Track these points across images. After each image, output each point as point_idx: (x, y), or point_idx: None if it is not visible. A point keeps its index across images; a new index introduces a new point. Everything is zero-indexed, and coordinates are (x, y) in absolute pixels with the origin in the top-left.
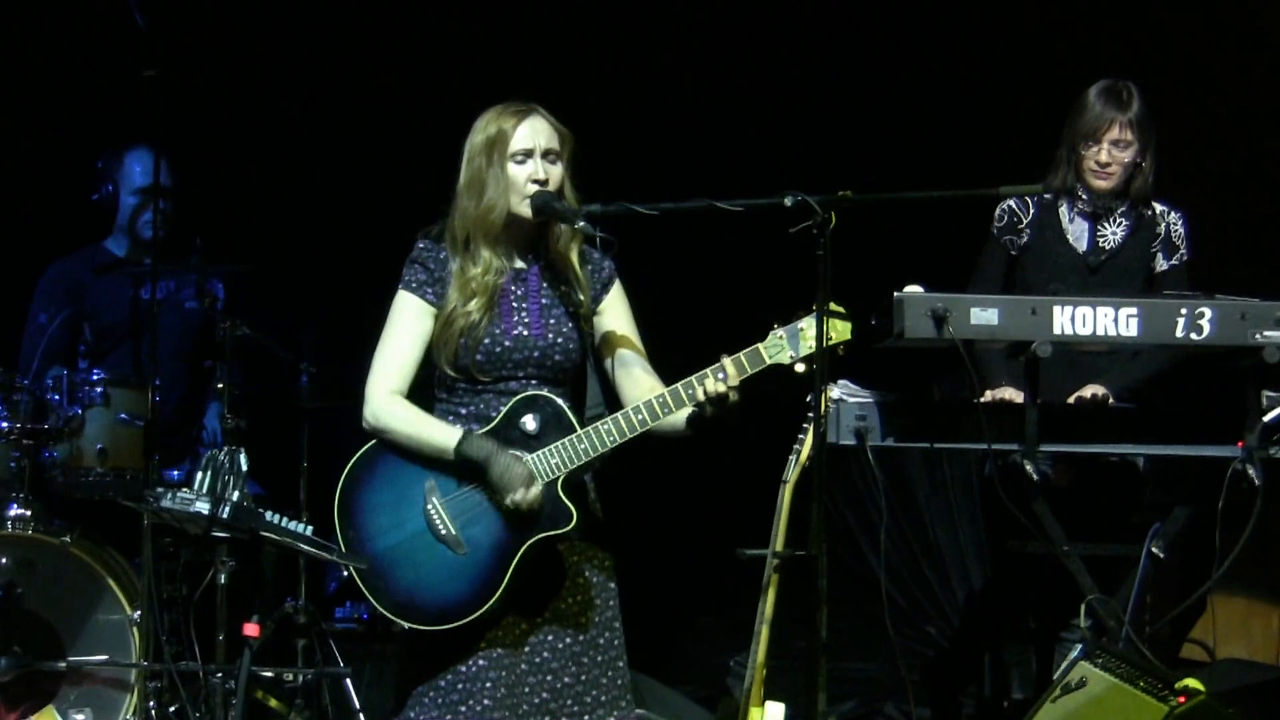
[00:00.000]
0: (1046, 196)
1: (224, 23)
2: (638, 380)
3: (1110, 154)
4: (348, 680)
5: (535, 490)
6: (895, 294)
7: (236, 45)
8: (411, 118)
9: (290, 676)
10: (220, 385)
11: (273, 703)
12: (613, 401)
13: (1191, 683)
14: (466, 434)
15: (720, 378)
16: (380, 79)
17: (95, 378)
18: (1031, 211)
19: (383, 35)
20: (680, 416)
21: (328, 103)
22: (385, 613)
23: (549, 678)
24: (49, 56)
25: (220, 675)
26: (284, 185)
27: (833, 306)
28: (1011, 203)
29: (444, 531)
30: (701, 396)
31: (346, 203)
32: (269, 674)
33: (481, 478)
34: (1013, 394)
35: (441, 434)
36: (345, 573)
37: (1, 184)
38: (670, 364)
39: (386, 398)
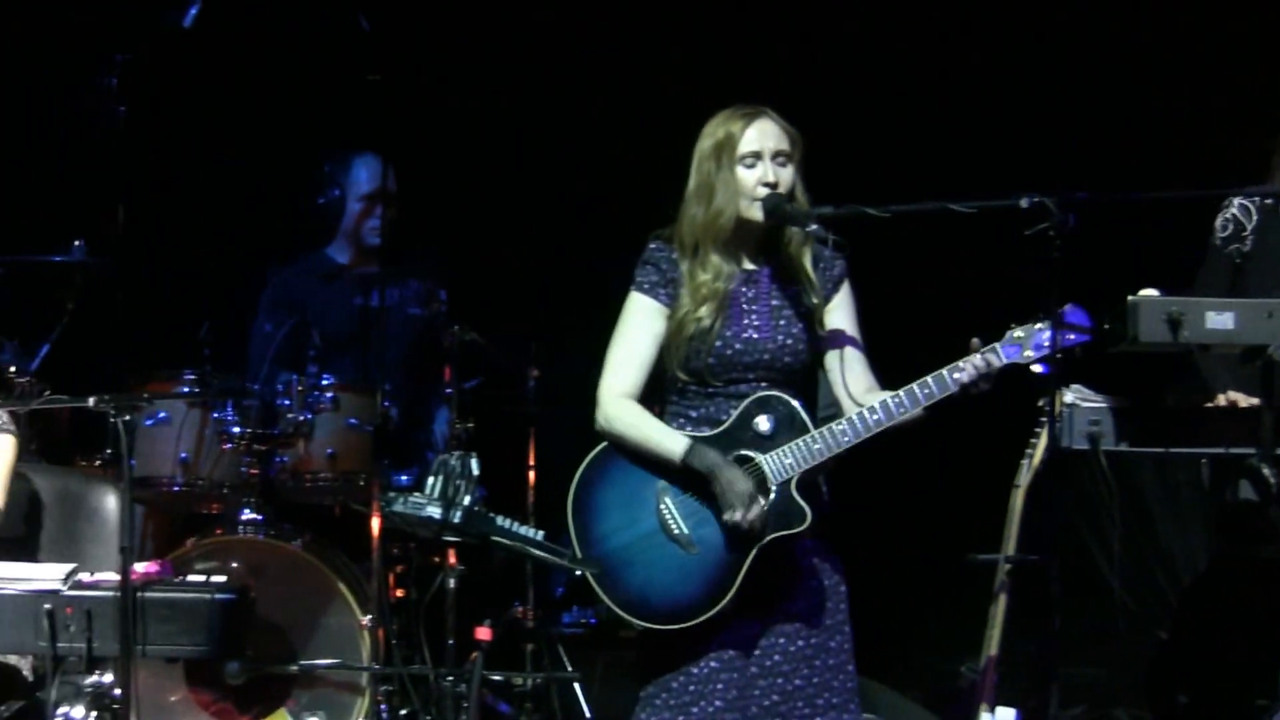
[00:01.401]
0: (1268, 201)
1: (448, 26)
2: (858, 379)
3: None
4: (577, 685)
5: (756, 510)
6: (1129, 298)
7: (461, 49)
8: (639, 121)
9: (519, 680)
10: (449, 391)
11: None
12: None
13: None
14: (693, 444)
15: (979, 370)
16: (608, 82)
17: (325, 383)
18: (1255, 218)
19: (610, 37)
20: (915, 414)
21: (553, 106)
22: (617, 611)
23: (780, 680)
24: (275, 64)
25: (450, 679)
26: (508, 190)
27: (1070, 309)
28: (1234, 211)
29: (676, 531)
30: (936, 397)
31: (572, 206)
32: (498, 678)
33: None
34: (1240, 399)
35: (669, 442)
36: (578, 573)
37: (227, 191)
38: (895, 367)
39: (617, 400)
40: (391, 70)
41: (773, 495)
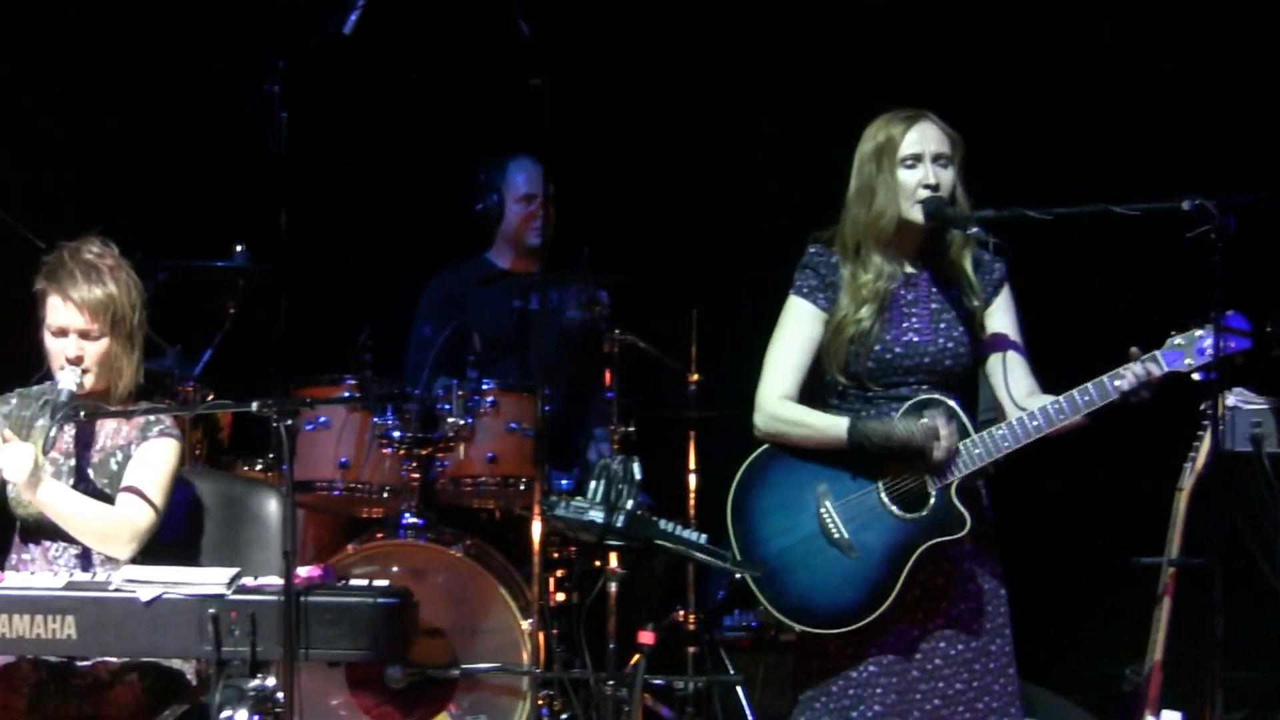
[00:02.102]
0: None
1: (607, 30)
2: (1019, 383)
3: None
4: (739, 688)
5: (949, 436)
6: None
7: (620, 52)
8: (800, 123)
9: (681, 684)
10: (609, 394)
11: None
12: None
13: None
14: (855, 421)
15: (1139, 378)
16: (768, 83)
17: (485, 387)
18: None
19: (769, 39)
20: (1075, 421)
21: (712, 108)
22: (778, 615)
23: (940, 684)
24: (434, 69)
25: (611, 683)
26: (667, 192)
27: (1230, 315)
28: None
29: (836, 536)
30: (1096, 404)
31: (731, 208)
32: (659, 682)
33: (874, 481)
34: None
35: (832, 425)
36: (740, 577)
37: (388, 196)
38: (1055, 372)
39: (777, 403)
40: (552, 74)
41: (933, 501)
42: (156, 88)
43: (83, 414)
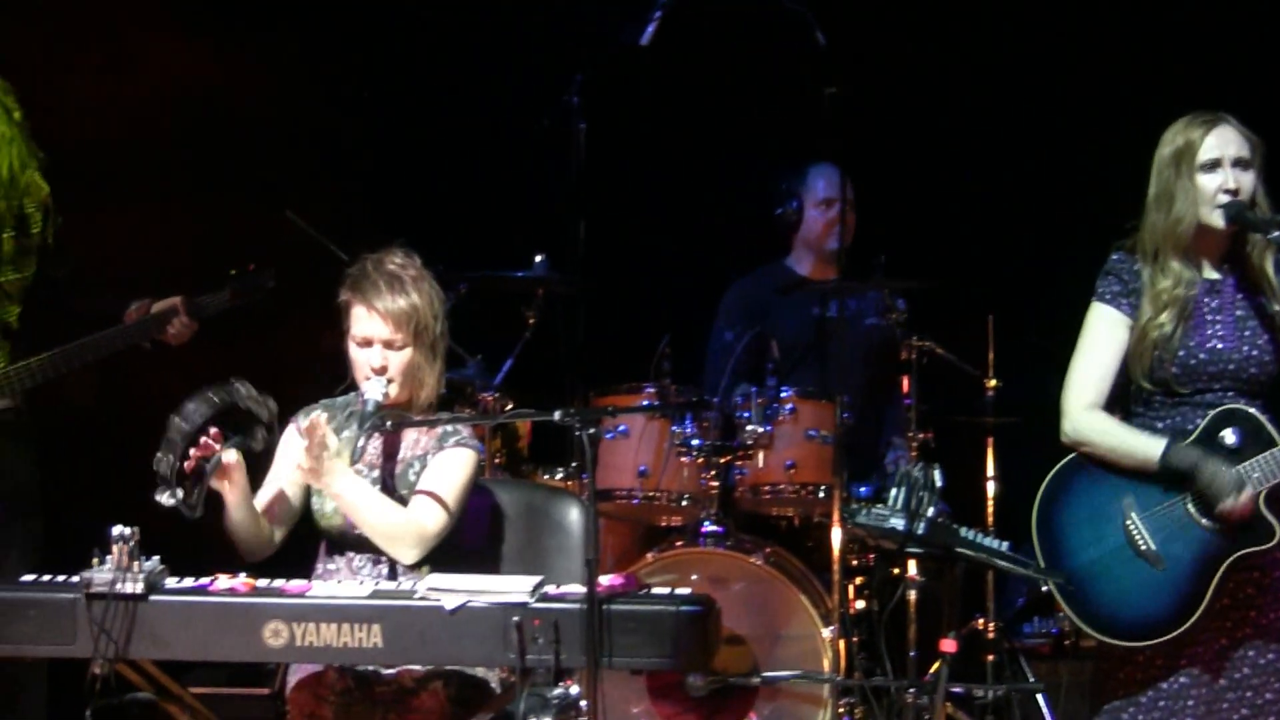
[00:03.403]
0: None
1: (903, 36)
2: None
3: None
4: (1040, 696)
5: (1246, 495)
6: None
7: (915, 59)
8: (1099, 127)
9: (981, 692)
10: (908, 401)
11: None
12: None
13: None
14: (1171, 443)
15: None
16: (1064, 89)
17: (784, 394)
18: None
19: (1063, 43)
20: None
21: (1009, 113)
22: (1085, 627)
23: (1249, 694)
24: (731, 79)
25: (913, 690)
26: (964, 198)
27: None
28: None
29: (1143, 547)
30: None
31: (1027, 213)
32: (959, 689)
33: (1181, 492)
34: None
35: (1144, 445)
36: (1044, 588)
37: (686, 205)
38: None
39: (1085, 411)
40: (848, 82)
41: None
42: (458, 101)
43: (389, 424)
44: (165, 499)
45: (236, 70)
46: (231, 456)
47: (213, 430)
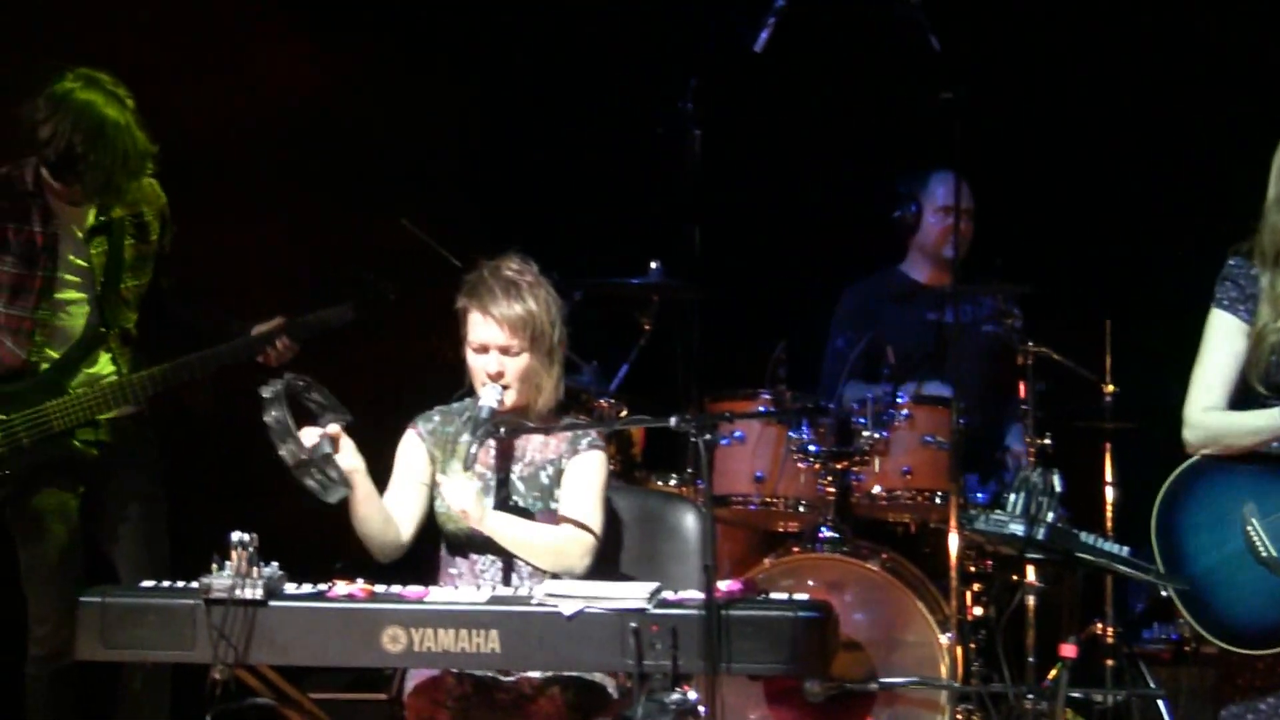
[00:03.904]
0: None
1: (1018, 41)
2: None
3: None
4: (1161, 702)
5: None
6: None
7: (1031, 64)
8: (1217, 132)
9: (1100, 698)
10: (1024, 406)
11: None
12: None
13: None
14: None
15: None
16: (1180, 94)
17: (900, 400)
18: None
19: (1184, 49)
20: None
21: (1123, 118)
22: (1205, 634)
23: None
24: (846, 84)
25: (1031, 696)
26: (1079, 202)
27: None
28: None
29: (1264, 553)
30: None
31: (1143, 218)
32: (1078, 694)
33: None
34: None
35: (1270, 417)
36: (1164, 593)
37: (800, 211)
38: None
39: (1204, 416)
40: (964, 88)
41: None
42: (573, 107)
43: (503, 430)
44: (310, 482)
45: (351, 78)
46: (333, 428)
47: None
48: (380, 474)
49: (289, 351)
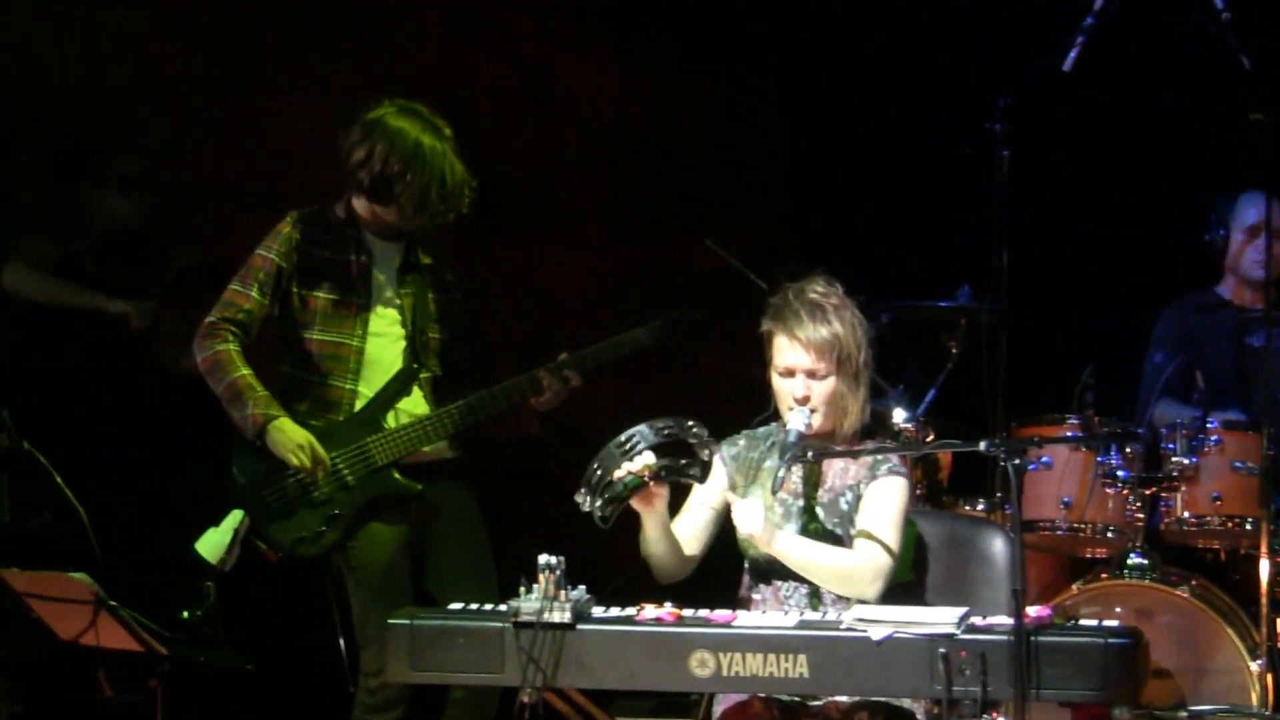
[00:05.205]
0: None
1: None
2: None
3: None
4: None
5: None
6: None
7: None
8: None
9: None
10: None
11: None
12: None
13: None
14: None
15: None
16: None
17: (1210, 425)
18: None
19: None
20: None
21: None
22: None
23: None
24: (1155, 104)
25: None
26: None
27: None
28: None
29: None
30: None
31: None
32: None
33: None
34: None
35: None
36: None
37: (1110, 232)
38: None
39: None
40: (1274, 108)
41: None
42: (880, 128)
43: (810, 454)
44: (583, 502)
45: (657, 101)
46: (658, 487)
47: (649, 456)
48: (678, 496)
49: (565, 393)
